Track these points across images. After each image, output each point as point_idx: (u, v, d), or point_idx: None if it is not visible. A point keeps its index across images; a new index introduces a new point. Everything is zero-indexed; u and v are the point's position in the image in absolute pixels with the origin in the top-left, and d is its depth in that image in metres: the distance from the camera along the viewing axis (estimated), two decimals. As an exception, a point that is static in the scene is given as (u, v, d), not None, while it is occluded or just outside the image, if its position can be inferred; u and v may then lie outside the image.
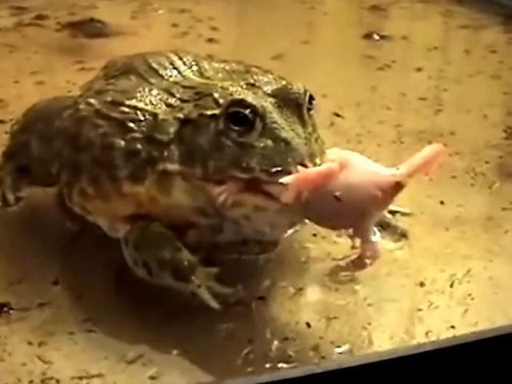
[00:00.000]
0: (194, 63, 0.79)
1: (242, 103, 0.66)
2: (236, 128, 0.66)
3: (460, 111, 1.16)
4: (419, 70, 1.32)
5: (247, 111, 0.66)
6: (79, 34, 1.42)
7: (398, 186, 0.65)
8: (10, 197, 0.85)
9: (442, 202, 0.89)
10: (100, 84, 0.79)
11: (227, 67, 0.79)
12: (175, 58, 0.79)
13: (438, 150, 0.66)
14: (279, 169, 0.64)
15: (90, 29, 1.44)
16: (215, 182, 0.67)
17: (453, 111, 1.16)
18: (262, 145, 0.66)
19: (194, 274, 0.68)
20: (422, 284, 0.74)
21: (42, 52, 1.32)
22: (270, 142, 0.66)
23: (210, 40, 1.42)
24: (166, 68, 0.78)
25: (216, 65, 0.80)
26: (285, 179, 0.63)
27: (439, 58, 1.43)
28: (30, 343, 0.65)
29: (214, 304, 0.67)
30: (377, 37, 1.49)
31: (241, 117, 0.66)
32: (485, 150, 1.03)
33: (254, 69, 0.77)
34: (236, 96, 0.68)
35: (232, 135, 0.67)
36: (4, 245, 0.79)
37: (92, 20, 1.48)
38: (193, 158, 0.68)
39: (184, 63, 0.79)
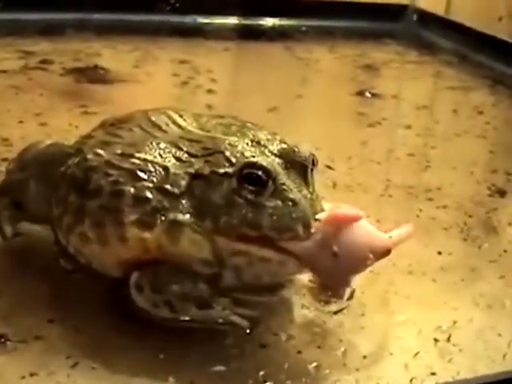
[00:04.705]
0: (192, 118, 0.81)
1: (256, 166, 0.69)
2: (249, 187, 0.69)
3: (447, 168, 1.18)
4: (408, 127, 1.35)
5: (260, 172, 0.68)
6: (83, 80, 1.45)
7: (387, 252, 0.68)
8: (8, 230, 0.85)
9: (425, 248, 0.91)
10: (101, 134, 0.80)
11: (224, 122, 0.81)
12: (176, 116, 0.81)
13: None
14: (287, 228, 0.67)
15: (93, 75, 1.47)
16: (224, 235, 0.69)
17: (440, 168, 1.19)
18: (272, 204, 0.68)
19: (215, 301, 0.71)
20: (409, 332, 0.75)
21: (46, 95, 1.34)
22: (279, 203, 0.68)
23: (209, 91, 1.45)
24: (167, 123, 0.79)
25: (214, 121, 0.82)
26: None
27: (428, 117, 1.48)
28: (23, 375, 0.65)
29: (244, 322, 0.71)
30: (368, 94, 1.53)
31: (254, 177, 0.68)
32: (470, 205, 1.05)
33: (249, 124, 0.80)
34: (250, 159, 0.70)
35: (244, 194, 0.69)
36: (1, 277, 0.80)
37: (96, 67, 1.51)
38: (204, 211, 0.70)
39: (184, 119, 0.81)
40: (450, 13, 1.99)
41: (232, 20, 2.00)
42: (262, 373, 0.68)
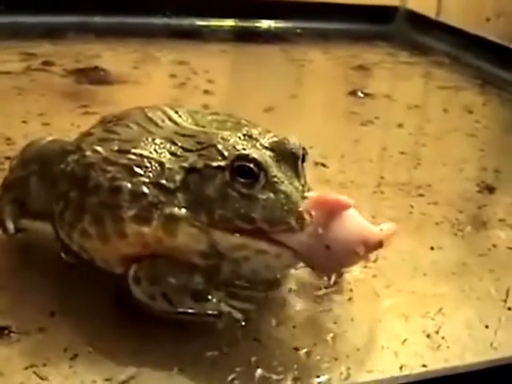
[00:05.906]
0: (188, 115, 0.83)
1: (247, 158, 0.70)
2: (242, 180, 0.70)
3: (438, 165, 1.20)
4: (400, 126, 1.37)
5: (252, 165, 0.69)
6: (84, 81, 1.47)
7: (379, 244, 0.69)
8: (10, 225, 0.86)
9: (417, 243, 0.92)
10: (100, 131, 0.81)
11: (219, 118, 0.82)
12: (171, 113, 0.82)
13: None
14: (279, 220, 0.68)
15: (94, 76, 1.49)
16: (220, 229, 0.70)
17: (431, 165, 1.20)
18: (264, 197, 0.69)
19: (210, 294, 0.72)
20: (399, 322, 0.76)
21: (48, 95, 1.36)
22: (271, 195, 0.69)
23: (206, 91, 1.46)
24: (163, 119, 0.80)
25: (209, 117, 0.83)
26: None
27: (419, 116, 1.50)
28: (27, 365, 0.66)
29: (238, 315, 0.72)
30: (361, 94, 1.55)
31: (246, 170, 0.69)
32: (460, 201, 1.06)
33: (243, 121, 0.81)
34: (241, 152, 0.71)
35: (237, 187, 0.70)
36: (4, 271, 0.81)
37: (96, 68, 1.53)
38: (199, 205, 0.71)
39: (179, 116, 0.82)
40: (440, 14, 2.02)
41: (229, 22, 2.03)
42: (253, 359, 0.69)
